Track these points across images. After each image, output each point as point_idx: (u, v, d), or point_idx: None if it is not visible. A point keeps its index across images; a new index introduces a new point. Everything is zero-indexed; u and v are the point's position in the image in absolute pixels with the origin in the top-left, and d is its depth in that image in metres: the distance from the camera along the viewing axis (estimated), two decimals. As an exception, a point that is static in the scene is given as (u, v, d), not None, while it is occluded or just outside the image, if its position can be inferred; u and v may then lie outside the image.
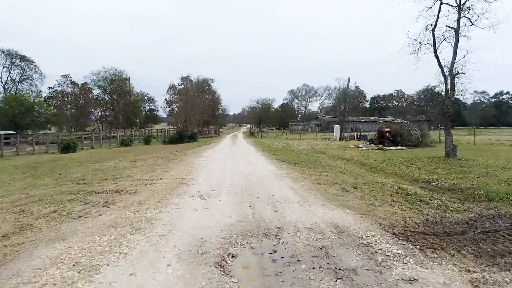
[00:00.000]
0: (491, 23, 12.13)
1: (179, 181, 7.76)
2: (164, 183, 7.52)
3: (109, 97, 55.66)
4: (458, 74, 12.85)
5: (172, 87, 49.51)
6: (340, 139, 28.04)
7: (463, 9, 12.46)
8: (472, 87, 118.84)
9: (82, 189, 7.29)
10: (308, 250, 3.51)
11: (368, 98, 71.98)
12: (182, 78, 55.38)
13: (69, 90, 51.66)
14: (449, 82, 13.10)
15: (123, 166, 11.87)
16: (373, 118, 64.01)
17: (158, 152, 19.16)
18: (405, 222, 4.70)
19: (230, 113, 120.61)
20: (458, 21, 12.59)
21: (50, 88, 51.85)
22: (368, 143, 19.79)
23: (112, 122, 56.00)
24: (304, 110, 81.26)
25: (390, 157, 14.81)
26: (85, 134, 31.90)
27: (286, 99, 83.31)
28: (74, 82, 51.67)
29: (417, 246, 3.65)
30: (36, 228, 4.50)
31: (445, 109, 13.28)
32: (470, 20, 12.51)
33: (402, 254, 3.41)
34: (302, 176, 8.49)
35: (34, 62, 48.45)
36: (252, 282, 2.87)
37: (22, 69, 48.75)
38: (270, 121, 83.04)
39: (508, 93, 74.23)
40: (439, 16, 12.87)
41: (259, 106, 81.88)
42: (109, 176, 9.35)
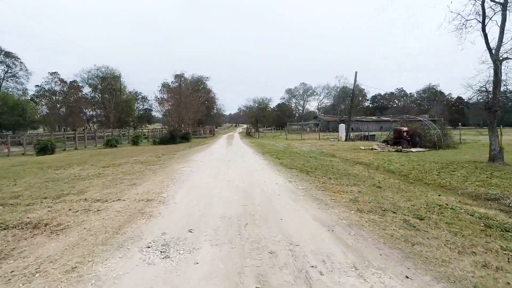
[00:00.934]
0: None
1: (142, 205, 5.00)
2: (116, 210, 4.75)
3: (99, 95, 52.65)
4: (507, 59, 10.23)
5: (165, 85, 46.61)
6: (346, 140, 25.44)
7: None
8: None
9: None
10: None
11: (368, 97, 69.56)
12: (176, 76, 52.45)
13: (57, 88, 48.57)
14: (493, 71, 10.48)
15: (87, 174, 9.10)
16: (374, 118, 61.59)
17: (142, 154, 16.41)
18: None
19: (226, 113, 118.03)
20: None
21: (37, 86, 48.72)
22: (383, 144, 17.18)
23: (103, 122, 53.00)
24: (302, 109, 78.67)
25: (417, 161, 12.18)
26: (67, 134, 28.99)
27: (284, 99, 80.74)
28: (62, 80, 48.58)
29: None
30: None
31: (489, 103, 10.65)
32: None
33: None
34: (327, 193, 5.77)
35: (20, 59, 45.32)
36: None
37: (7, 66, 45.60)
38: (267, 120, 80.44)
39: None
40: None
41: (256, 105, 79.31)
42: (54, 191, 6.59)
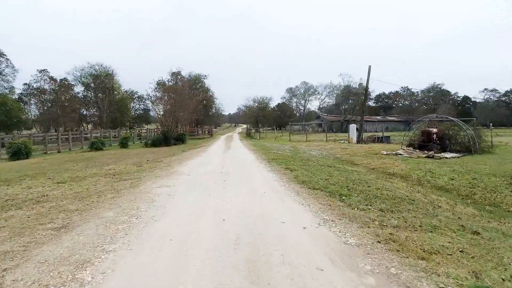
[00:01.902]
0: None
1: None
2: None
3: (92, 94, 49.85)
4: None
5: (160, 83, 43.74)
6: (358, 142, 22.69)
7: None
8: (483, 85, 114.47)
9: None
10: None
11: (372, 96, 66.65)
12: (172, 74, 49.60)
13: (46, 86, 45.70)
14: None
15: (20, 199, 6.34)
16: (379, 117, 58.88)
17: (124, 161, 13.66)
18: None
19: (226, 113, 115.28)
20: None
21: (26, 84, 45.83)
22: (410, 149, 14.43)
23: (96, 122, 50.20)
24: (303, 109, 75.93)
25: (465, 172, 9.41)
26: (49, 135, 26.16)
27: (284, 98, 78.01)
28: (52, 78, 45.70)
29: None
30: None
31: None
32: None
33: None
34: (416, 264, 2.99)
35: (6, 55, 42.40)
36: None
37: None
38: (267, 120, 77.68)
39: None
40: None
41: (256, 105, 76.54)
42: None
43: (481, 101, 67.40)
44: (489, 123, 62.11)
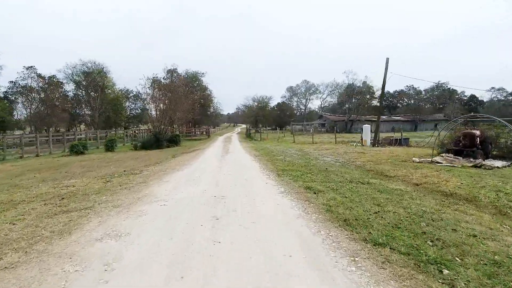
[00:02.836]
0: None
1: None
2: None
3: (83, 92, 46.96)
4: None
5: (155, 80, 40.85)
6: (374, 145, 19.95)
7: None
8: (483, 85, 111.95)
9: None
10: None
11: (375, 95, 63.68)
12: (168, 71, 46.82)
13: (34, 84, 42.81)
14: None
15: None
16: (384, 117, 56.19)
17: (94, 171, 10.91)
18: None
19: (225, 112, 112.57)
20: None
21: (12, 82, 42.89)
22: (450, 156, 11.69)
23: (87, 122, 47.32)
24: (304, 108, 73.20)
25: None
26: (26, 137, 23.37)
27: (285, 97, 75.27)
28: (40, 75, 42.80)
29: None
30: None
31: None
32: None
33: None
34: None
35: (-11, 51, 39.47)
36: None
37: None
38: (267, 120, 75.01)
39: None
40: None
41: (255, 104, 73.80)
42: None
43: (485, 100, 64.86)
44: (497, 123, 59.60)
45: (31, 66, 42.41)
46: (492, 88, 64.42)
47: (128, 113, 59.48)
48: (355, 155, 15.11)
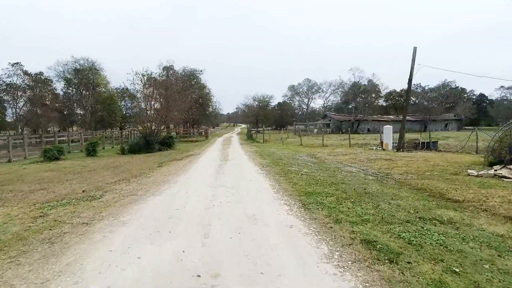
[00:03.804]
0: None
1: None
2: None
3: (73, 91, 43.95)
4: None
5: (146, 76, 37.66)
6: (398, 149, 16.93)
7: None
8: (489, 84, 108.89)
9: None
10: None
11: (382, 94, 60.58)
12: (164, 68, 43.80)
13: (20, 81, 39.70)
14: None
15: None
16: (392, 117, 53.22)
17: (47, 190, 7.95)
18: None
19: (224, 112, 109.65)
20: None
21: (-4, 79, 39.75)
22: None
23: (77, 122, 44.30)
24: (306, 108, 70.21)
25: None
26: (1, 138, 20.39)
27: (286, 96, 72.31)
28: (26, 72, 39.69)
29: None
30: None
31: None
32: None
33: None
34: None
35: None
36: None
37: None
38: (268, 120, 72.12)
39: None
40: None
41: (256, 103, 70.84)
42: None
43: (496, 98, 61.93)
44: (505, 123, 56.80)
45: (17, 63, 39.32)
46: (501, 86, 61.48)
47: (124, 112, 56.41)
48: (384, 164, 12.15)
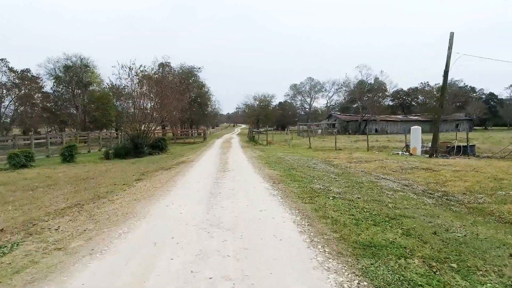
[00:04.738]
0: None
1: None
2: None
3: (63, 89, 41.16)
4: None
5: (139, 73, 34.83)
6: (431, 155, 14.09)
7: None
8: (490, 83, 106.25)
9: None
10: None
11: (388, 92, 57.65)
12: (160, 65, 40.97)
13: (4, 79, 36.89)
14: None
15: None
16: (400, 117, 50.48)
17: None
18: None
19: (224, 112, 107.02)
20: None
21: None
22: None
23: (67, 123, 41.46)
24: (309, 107, 67.44)
25: None
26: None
27: (288, 95, 69.57)
28: (11, 69, 36.86)
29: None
30: None
31: None
32: None
33: None
34: None
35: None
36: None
37: None
38: (269, 120, 69.35)
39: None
40: None
41: (257, 103, 68.06)
42: None
43: (506, 97, 59.20)
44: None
45: (3, 59, 36.51)
46: (511, 85, 58.65)
47: (116, 113, 53.52)
48: (427, 176, 9.38)
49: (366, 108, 44.17)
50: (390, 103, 59.51)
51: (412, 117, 49.68)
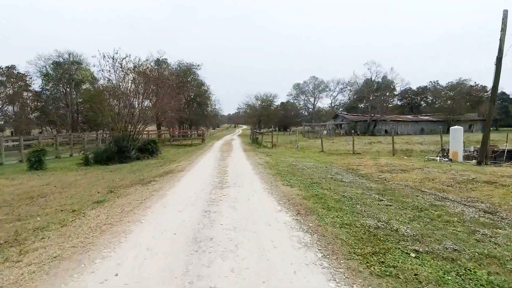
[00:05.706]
0: None
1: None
2: None
3: (52, 87, 38.51)
4: None
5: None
6: (480, 162, 11.29)
7: None
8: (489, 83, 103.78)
9: None
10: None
11: (396, 92, 54.63)
12: (156, 62, 38.30)
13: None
14: None
15: None
16: (410, 117, 47.64)
17: None
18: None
19: (225, 113, 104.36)
20: None
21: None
22: None
23: (56, 123, 38.75)
24: (312, 107, 64.70)
25: None
26: None
27: (291, 95, 66.83)
28: (-3, 66, 34.27)
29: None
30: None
31: None
32: None
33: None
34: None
35: None
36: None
37: None
38: (271, 120, 66.68)
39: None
40: None
41: (258, 103, 65.32)
42: None
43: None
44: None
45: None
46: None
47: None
48: (498, 194, 6.61)
49: (375, 107, 41.40)
50: (399, 103, 56.61)
51: (423, 117, 46.84)
